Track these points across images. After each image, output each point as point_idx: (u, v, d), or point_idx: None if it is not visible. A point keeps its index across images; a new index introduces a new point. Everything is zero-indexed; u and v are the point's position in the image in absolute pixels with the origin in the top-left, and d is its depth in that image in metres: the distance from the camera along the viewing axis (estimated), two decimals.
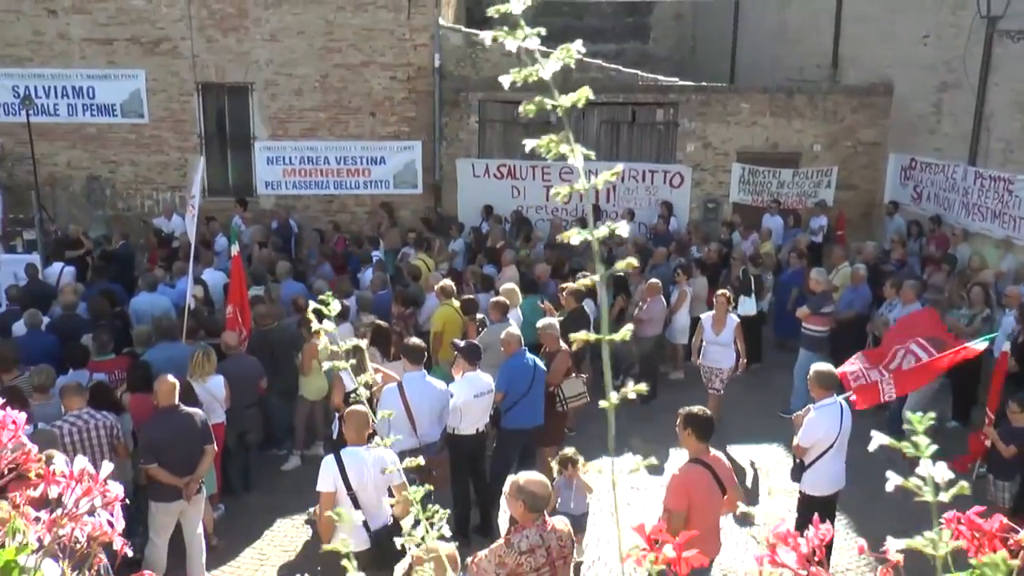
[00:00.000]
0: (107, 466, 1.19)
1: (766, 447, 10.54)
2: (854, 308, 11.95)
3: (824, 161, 17.57)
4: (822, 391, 7.42)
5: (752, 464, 10.17)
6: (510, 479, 8.65)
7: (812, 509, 7.46)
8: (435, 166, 17.40)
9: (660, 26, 26.31)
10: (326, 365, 9.53)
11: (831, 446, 7.30)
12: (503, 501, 8.73)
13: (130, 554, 1.42)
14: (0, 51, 16.63)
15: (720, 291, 10.93)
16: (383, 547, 5.87)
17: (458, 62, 17.42)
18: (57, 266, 13.14)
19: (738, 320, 10.70)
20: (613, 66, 18.16)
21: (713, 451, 6.25)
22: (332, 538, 5.79)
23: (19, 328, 10.15)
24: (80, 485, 1.07)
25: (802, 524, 5.94)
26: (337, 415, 7.98)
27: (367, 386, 6.51)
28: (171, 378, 7.36)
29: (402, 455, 6.35)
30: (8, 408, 1.16)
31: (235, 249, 10.15)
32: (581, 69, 17.64)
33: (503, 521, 8.66)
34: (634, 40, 25.83)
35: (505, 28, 1.26)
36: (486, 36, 1.29)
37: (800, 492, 7.63)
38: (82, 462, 1.16)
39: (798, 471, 7.60)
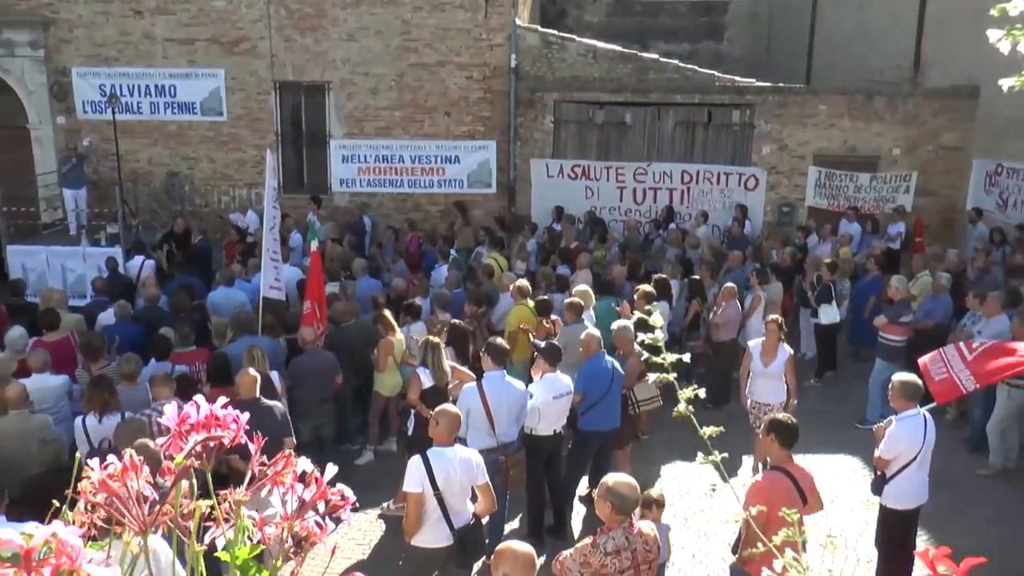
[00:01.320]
0: (331, 468, 1.22)
1: (842, 458, 10.33)
2: (934, 318, 11.57)
3: (903, 166, 17.16)
4: (905, 402, 7.19)
5: (829, 475, 9.97)
6: (585, 481, 8.69)
7: (893, 523, 7.30)
8: (509, 166, 17.44)
9: (735, 26, 25.99)
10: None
11: (914, 459, 7.10)
12: (576, 502, 8.74)
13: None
14: (90, 51, 17.21)
15: (771, 317, 9.78)
16: (465, 544, 5.91)
17: (534, 62, 17.42)
18: (138, 259, 13.52)
19: (791, 352, 9.46)
20: (690, 66, 17.98)
21: (796, 460, 6.14)
22: (416, 535, 5.83)
23: (105, 318, 10.43)
24: (308, 490, 1.10)
25: (882, 537, 5.76)
26: (413, 411, 8.03)
27: (445, 385, 6.51)
28: (253, 371, 7.51)
29: (480, 453, 6.38)
30: (230, 407, 1.19)
31: (314, 245, 10.28)
32: (658, 69, 17.50)
33: (577, 523, 8.65)
34: (708, 40, 25.56)
35: (1017, 26, 1.17)
36: (991, 34, 1.21)
37: (881, 505, 7.44)
38: (305, 463, 1.18)
39: (879, 483, 7.40)
